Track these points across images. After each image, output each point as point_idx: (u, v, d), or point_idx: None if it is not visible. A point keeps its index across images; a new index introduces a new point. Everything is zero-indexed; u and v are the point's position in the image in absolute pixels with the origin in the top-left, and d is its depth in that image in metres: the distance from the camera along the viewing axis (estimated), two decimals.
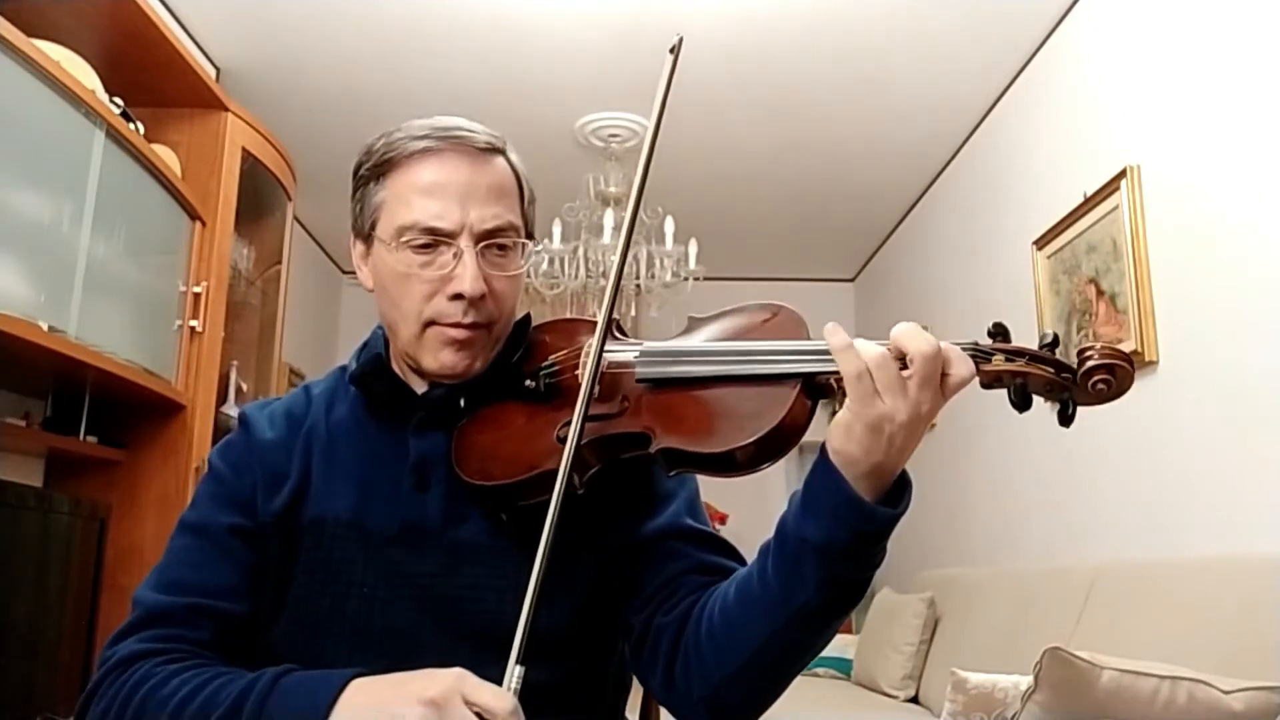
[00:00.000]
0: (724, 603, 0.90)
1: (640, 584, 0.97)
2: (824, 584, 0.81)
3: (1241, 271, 2.27)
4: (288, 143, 3.37)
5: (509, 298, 1.00)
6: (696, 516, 1.03)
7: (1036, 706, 1.60)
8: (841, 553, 0.80)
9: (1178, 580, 2.14)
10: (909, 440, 0.78)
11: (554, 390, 0.98)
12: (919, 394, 0.77)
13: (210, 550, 0.97)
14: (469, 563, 0.95)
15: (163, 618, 0.93)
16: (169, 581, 0.96)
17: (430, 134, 0.97)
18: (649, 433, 0.87)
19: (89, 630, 2.41)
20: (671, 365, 0.91)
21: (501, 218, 0.97)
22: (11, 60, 2.00)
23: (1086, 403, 0.81)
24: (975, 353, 0.80)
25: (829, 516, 0.80)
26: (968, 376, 0.78)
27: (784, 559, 0.84)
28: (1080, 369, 0.79)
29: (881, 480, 0.80)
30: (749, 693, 0.90)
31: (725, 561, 0.98)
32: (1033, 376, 0.80)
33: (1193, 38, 2.49)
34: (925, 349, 0.77)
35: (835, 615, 0.85)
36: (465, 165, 0.97)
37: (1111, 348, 0.79)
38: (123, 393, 2.52)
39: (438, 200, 0.95)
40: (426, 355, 0.98)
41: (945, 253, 4.35)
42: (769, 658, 0.87)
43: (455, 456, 0.96)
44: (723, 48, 3.38)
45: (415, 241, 0.95)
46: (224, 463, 1.03)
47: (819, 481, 0.81)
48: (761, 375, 0.85)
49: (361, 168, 1.01)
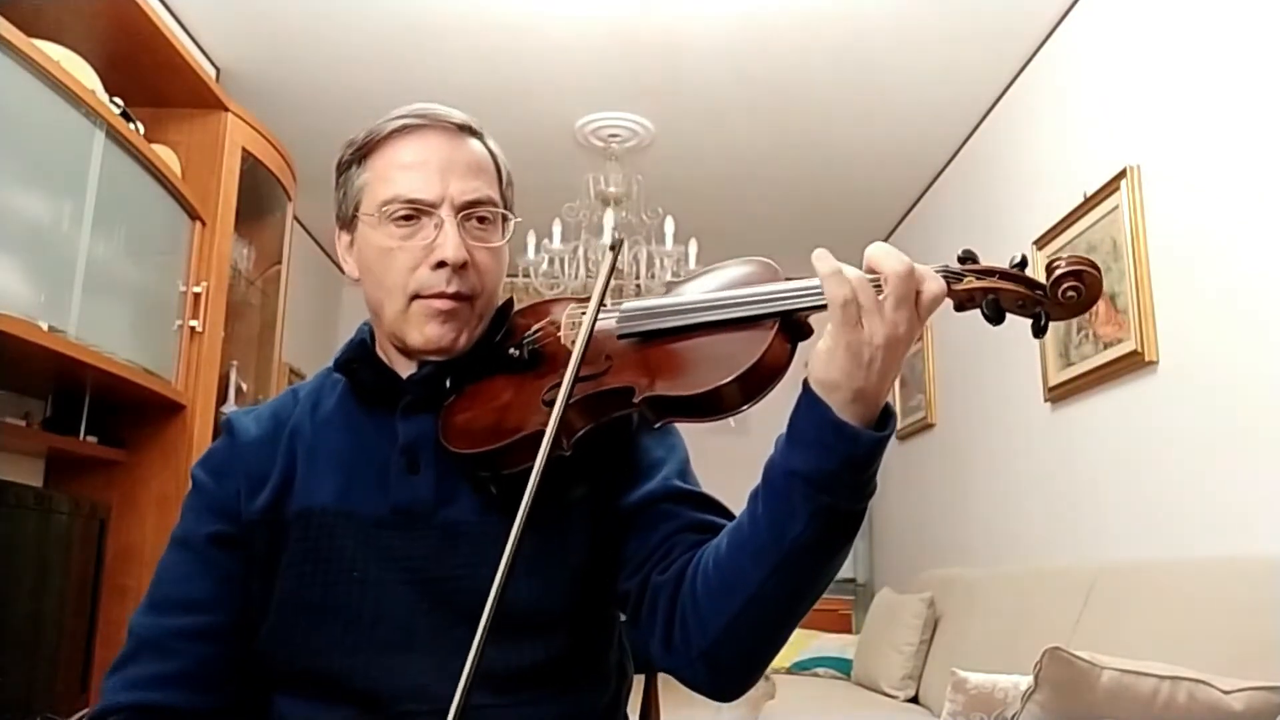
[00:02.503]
0: (717, 553, 0.89)
1: (633, 548, 0.98)
2: (815, 515, 0.81)
3: (1242, 272, 2.27)
4: (288, 143, 3.37)
5: (492, 271, 1.01)
6: (687, 480, 1.03)
7: (1036, 706, 1.60)
8: (830, 481, 0.80)
9: (1178, 580, 2.14)
10: (889, 363, 0.79)
11: (538, 357, 1.00)
12: (894, 314, 0.78)
13: (194, 563, 0.99)
14: (461, 542, 0.95)
15: (149, 648, 0.96)
16: (157, 601, 0.99)
17: (408, 114, 1.01)
18: (633, 385, 0.88)
19: (89, 630, 2.42)
20: (652, 319, 0.92)
21: (480, 191, 1.00)
22: (11, 60, 2.00)
23: (1059, 316, 0.83)
24: (947, 274, 0.82)
25: (815, 445, 0.80)
26: (939, 293, 0.80)
27: (773, 495, 0.84)
28: (1050, 280, 0.81)
29: (865, 408, 0.80)
30: (747, 644, 0.89)
31: (719, 519, 0.98)
32: (1004, 292, 0.82)
33: (1193, 38, 2.49)
34: (899, 268, 0.78)
35: (829, 553, 0.84)
36: (443, 141, 1.00)
37: (1078, 256, 0.81)
38: (123, 393, 2.52)
39: (418, 173, 0.98)
40: (412, 330, 0.99)
41: (945, 253, 4.31)
42: (765, 603, 0.86)
43: (443, 431, 0.97)
44: (723, 48, 3.38)
45: (398, 214, 0.97)
46: (204, 472, 1.04)
47: (803, 413, 0.82)
48: (740, 319, 0.86)
49: (343, 158, 1.04)
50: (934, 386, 4.44)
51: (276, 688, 0.97)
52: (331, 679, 0.94)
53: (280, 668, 0.96)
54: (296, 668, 0.95)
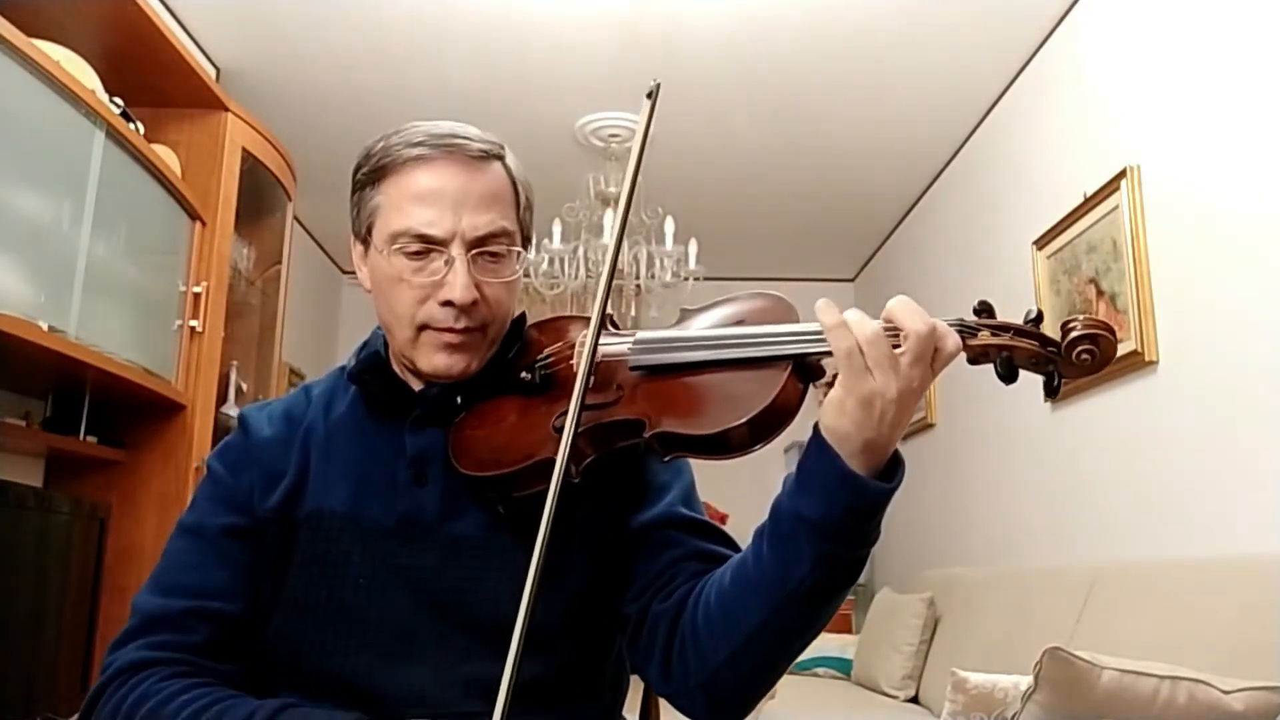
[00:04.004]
0: (720, 587, 0.90)
1: (636, 573, 0.98)
2: (819, 561, 0.82)
3: (1241, 271, 2.27)
4: (288, 143, 3.37)
5: (503, 303, 1.00)
6: (692, 507, 1.03)
7: (1036, 706, 1.60)
8: (836, 529, 0.81)
9: (1178, 580, 2.13)
10: (900, 416, 0.79)
11: (549, 381, 0.99)
12: (910, 370, 0.78)
13: (206, 552, 0.98)
14: (466, 556, 0.96)
15: (160, 622, 0.94)
16: (166, 585, 0.97)
17: (426, 140, 0.98)
18: (644, 419, 0.88)
19: (89, 630, 2.42)
20: (665, 353, 0.92)
21: (494, 224, 0.98)
22: (11, 60, 2.00)
23: (1071, 375, 0.82)
24: (961, 328, 0.82)
25: (823, 492, 0.81)
26: (955, 351, 0.80)
27: (779, 538, 0.84)
28: (1064, 340, 0.80)
29: (874, 457, 0.80)
30: (745, 677, 0.90)
31: (721, 549, 0.99)
32: (1018, 350, 0.81)
33: (1193, 38, 2.49)
34: (920, 328, 0.78)
35: (830, 595, 0.85)
36: (459, 173, 0.97)
37: (1094, 318, 0.81)
38: (123, 393, 2.52)
39: (430, 208, 0.96)
40: (421, 358, 0.99)
41: (945, 253, 4.35)
42: (765, 640, 0.87)
43: (452, 450, 0.97)
44: (723, 48, 3.38)
45: (408, 248, 0.96)
46: (221, 464, 1.04)
47: (813, 459, 0.82)
48: (753, 359, 0.86)
49: (359, 171, 1.02)
50: (934, 387, 4.44)
51: (281, 684, 0.97)
52: (334, 680, 0.94)
53: (285, 665, 0.97)
54: (301, 667, 0.96)
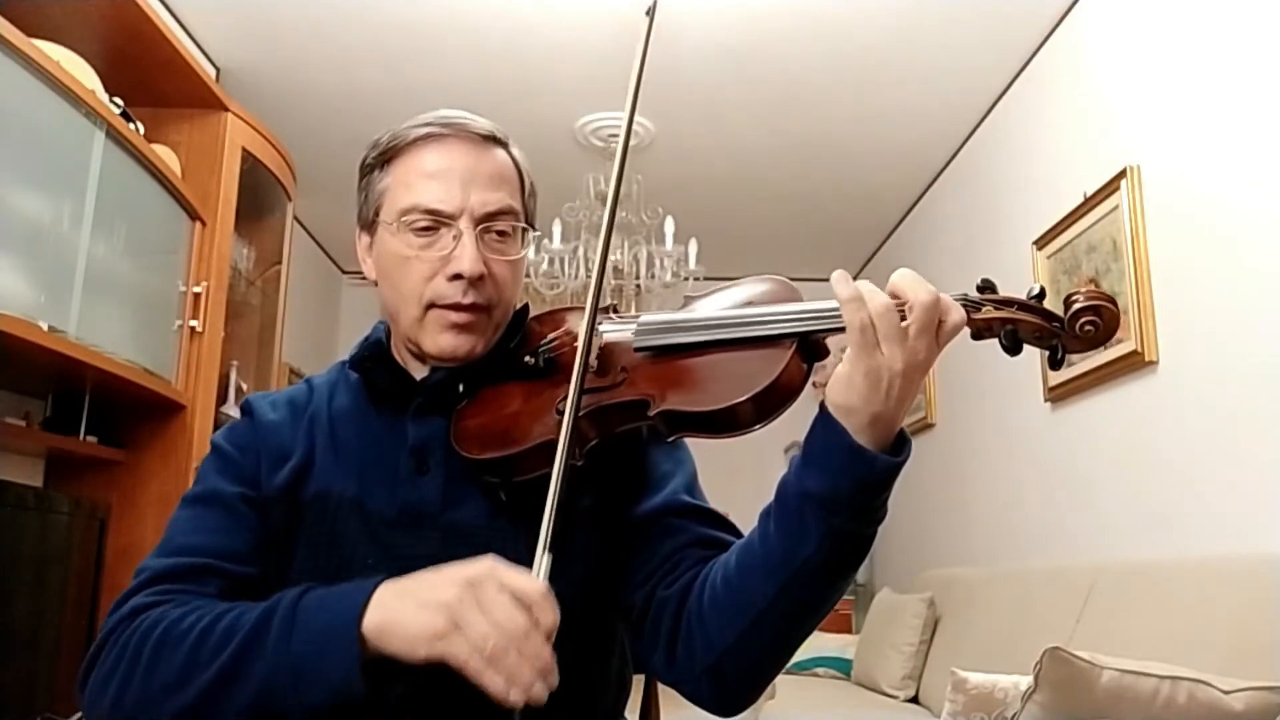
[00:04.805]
0: (725, 570, 0.90)
1: (639, 561, 0.98)
2: (826, 537, 0.81)
3: (1241, 271, 2.27)
4: (288, 143, 3.37)
5: (509, 283, 1.02)
6: (694, 494, 1.03)
7: (1036, 706, 1.60)
8: (844, 503, 0.80)
9: (1178, 580, 2.13)
10: (906, 389, 0.79)
11: (552, 365, 1.00)
12: (916, 342, 0.78)
13: (218, 516, 0.98)
14: (467, 544, 0.95)
15: (168, 577, 0.93)
16: (174, 548, 0.96)
17: (434, 122, 1.01)
18: (647, 399, 0.88)
19: (89, 631, 2.41)
20: (668, 334, 0.92)
21: (502, 202, 1.00)
22: (11, 60, 2.00)
23: (1075, 349, 0.83)
24: (965, 302, 0.82)
25: (831, 467, 0.80)
26: (960, 322, 0.80)
27: (785, 515, 0.84)
28: (1068, 313, 0.81)
29: (881, 432, 0.80)
30: (752, 661, 0.89)
31: (725, 535, 0.99)
32: (1022, 324, 0.82)
33: (1193, 38, 2.49)
34: (925, 298, 0.78)
35: (837, 575, 0.85)
36: (468, 151, 1.00)
37: (1096, 290, 0.81)
38: (123, 393, 2.52)
39: (439, 183, 0.98)
40: (427, 338, 1.00)
41: (945, 253, 4.35)
42: (772, 622, 0.86)
43: (454, 435, 0.97)
44: (722, 48, 3.38)
45: (417, 224, 0.98)
46: (228, 442, 1.04)
47: (819, 434, 0.82)
48: (756, 338, 0.86)
49: (367, 159, 1.04)
50: (934, 386, 4.44)
51: None
52: None
53: None
54: None
